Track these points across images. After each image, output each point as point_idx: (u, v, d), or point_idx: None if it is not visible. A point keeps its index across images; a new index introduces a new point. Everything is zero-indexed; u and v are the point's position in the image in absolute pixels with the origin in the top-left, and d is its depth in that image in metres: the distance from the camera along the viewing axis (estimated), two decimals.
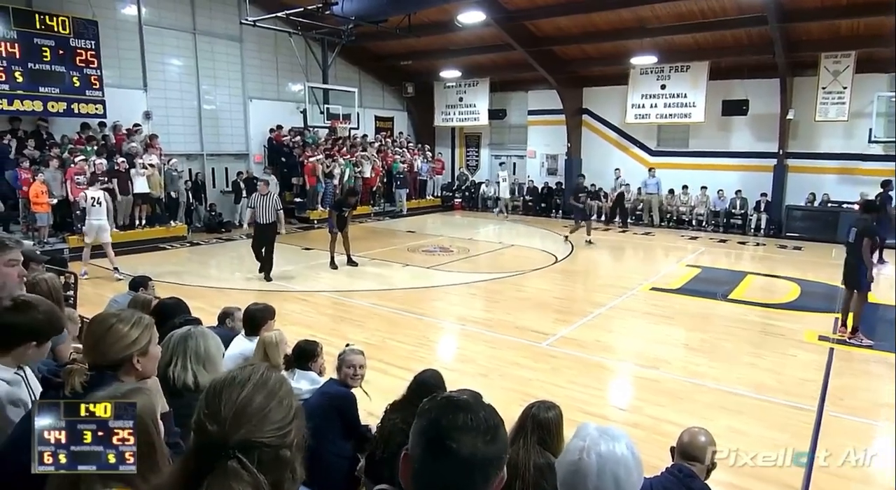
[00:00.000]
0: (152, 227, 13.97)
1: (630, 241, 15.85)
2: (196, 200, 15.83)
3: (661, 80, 17.44)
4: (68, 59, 12.87)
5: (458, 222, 19.04)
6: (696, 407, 5.47)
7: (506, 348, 7.08)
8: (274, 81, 18.33)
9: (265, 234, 10.29)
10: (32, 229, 12.05)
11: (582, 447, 1.45)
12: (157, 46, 15.39)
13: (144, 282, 5.56)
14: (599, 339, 7.52)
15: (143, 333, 2.03)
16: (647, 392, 5.88)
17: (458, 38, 17.98)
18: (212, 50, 16.60)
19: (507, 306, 9.03)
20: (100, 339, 1.99)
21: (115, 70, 14.37)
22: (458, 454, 1.15)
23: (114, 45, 14.38)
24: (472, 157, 23.33)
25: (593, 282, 10.95)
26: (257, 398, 1.17)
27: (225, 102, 17.11)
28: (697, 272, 11.53)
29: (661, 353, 6.98)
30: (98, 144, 13.60)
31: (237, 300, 6.57)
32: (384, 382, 5.17)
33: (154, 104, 15.39)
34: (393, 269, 11.72)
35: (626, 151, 19.38)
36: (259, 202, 10.24)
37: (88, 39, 13.15)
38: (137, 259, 12.14)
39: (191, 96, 16.26)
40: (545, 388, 5.74)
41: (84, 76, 13.13)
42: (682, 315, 8.61)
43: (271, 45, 17.89)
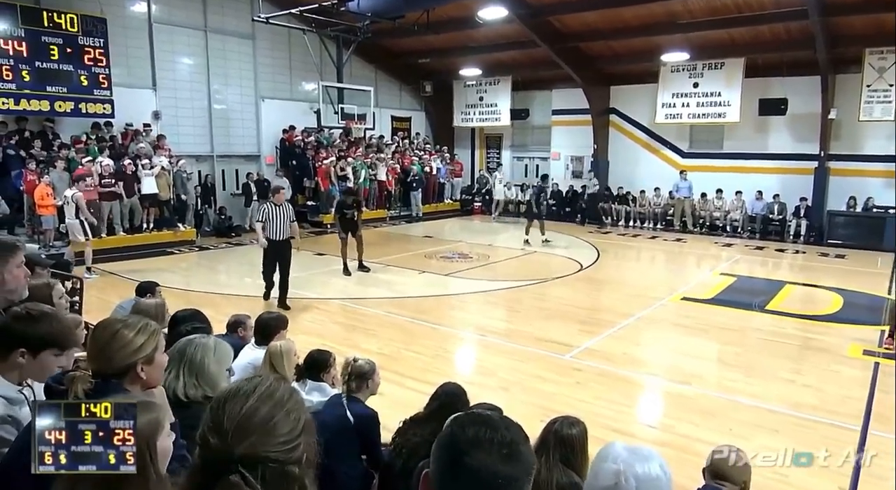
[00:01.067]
0: (160, 230, 14.15)
1: (660, 247, 15.72)
2: (205, 203, 16.02)
3: (693, 78, 17.31)
4: (76, 57, 13.12)
5: (477, 227, 19.02)
6: (730, 425, 5.39)
7: (527, 361, 7.04)
8: (287, 80, 18.52)
9: (281, 254, 8.88)
10: (38, 232, 12.24)
11: (617, 471, 1.43)
12: (166, 44, 15.64)
13: (151, 287, 5.62)
14: (627, 351, 7.45)
15: (149, 340, 2.04)
16: (678, 409, 5.81)
17: (478, 34, 18.02)
18: (223, 48, 16.82)
19: (528, 316, 8.99)
20: (104, 345, 2.01)
21: (123, 69, 14.62)
22: (478, 473, 1.14)
23: (122, 44, 14.63)
24: (493, 159, 23.32)
25: (620, 291, 10.86)
26: (262, 410, 1.17)
27: (236, 102, 17.31)
28: (732, 281, 11.39)
29: (693, 367, 6.90)
30: (105, 145, 13.82)
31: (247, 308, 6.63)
32: (399, 395, 5.17)
33: (163, 104, 15.62)
34: (408, 275, 11.72)
35: (656, 153, 19.25)
36: (273, 214, 8.79)
37: (97, 37, 13.39)
38: (144, 264, 12.30)
39: (201, 96, 16.48)
40: (569, 403, 5.69)
41: (92, 75, 13.37)
42: (715, 327, 8.50)
43: (284, 43, 18.08)
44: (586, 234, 17.21)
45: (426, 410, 3.45)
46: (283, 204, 8.93)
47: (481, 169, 23.13)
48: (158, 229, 14.15)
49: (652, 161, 19.27)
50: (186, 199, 14.91)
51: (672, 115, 17.88)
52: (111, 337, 2.00)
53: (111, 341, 2.00)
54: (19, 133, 13.09)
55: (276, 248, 8.81)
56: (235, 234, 15.85)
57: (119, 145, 14.25)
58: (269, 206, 8.84)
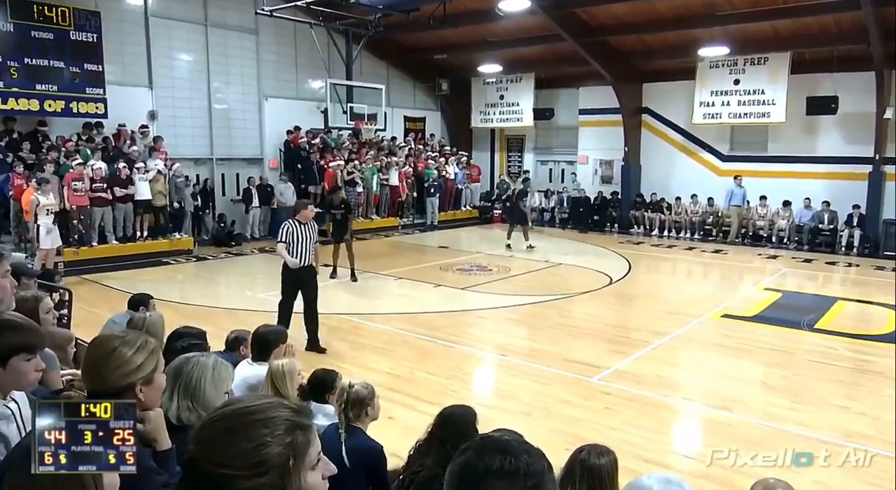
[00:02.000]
0: (155, 239, 14.30)
1: (698, 259, 15.63)
2: (204, 210, 16.16)
3: (734, 75, 17.24)
4: (68, 53, 13.35)
5: (497, 237, 18.99)
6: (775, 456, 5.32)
7: (552, 383, 7.02)
8: (292, 78, 18.70)
9: (304, 282, 7.88)
10: (25, 240, 12.38)
11: None
12: (164, 40, 15.85)
13: (145, 300, 5.67)
14: (661, 374, 7.40)
15: (149, 360, 2.04)
16: (717, 437, 5.74)
17: (499, 28, 18.07)
18: (224, 44, 17.03)
19: (553, 334, 8.96)
20: (100, 363, 2.01)
21: (118, 66, 14.83)
22: None
23: (117, 39, 14.85)
24: (515, 162, 23.33)
25: (654, 307, 10.79)
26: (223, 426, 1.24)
27: (238, 102, 17.50)
28: (777, 297, 11.30)
29: (735, 391, 6.84)
30: (97, 147, 13.98)
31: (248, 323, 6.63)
32: (411, 419, 5.15)
33: (160, 103, 15.82)
34: (423, 289, 11.74)
35: (694, 156, 19.16)
36: (297, 233, 7.76)
37: (90, 32, 13.63)
38: (138, 274, 12.44)
39: (200, 95, 16.68)
40: (597, 430, 5.67)
41: (85, 72, 13.59)
42: (759, 347, 8.42)
43: (290, 38, 18.26)
44: (616, 244, 17.14)
45: (426, 437, 3.40)
46: (309, 222, 7.92)
47: (502, 173, 23.11)
48: (153, 238, 14.30)
49: (688, 165, 19.17)
50: (183, 205, 15.06)
51: (711, 114, 17.80)
52: (108, 355, 2.01)
53: (108, 359, 2.00)
54: (7, 134, 13.30)
55: (299, 275, 7.82)
56: (235, 244, 15.97)
57: (112, 147, 14.44)
58: (292, 224, 7.81)
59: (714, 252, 16.43)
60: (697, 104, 17.91)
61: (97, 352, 2.05)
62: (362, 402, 3.61)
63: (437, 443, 3.24)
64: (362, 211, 18.40)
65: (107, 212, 13.51)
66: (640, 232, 19.06)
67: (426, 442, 3.36)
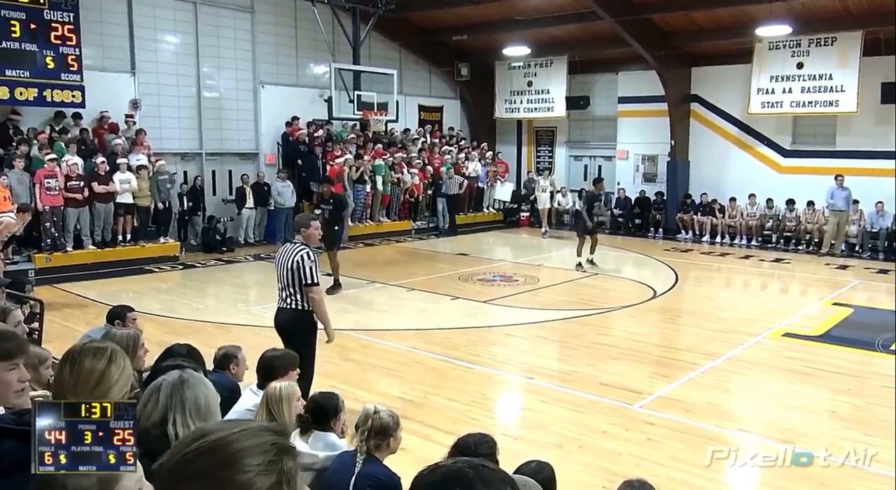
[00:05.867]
0: (137, 243, 14.44)
1: (755, 269, 15.52)
2: (192, 211, 16.27)
3: (796, 57, 17.16)
4: (41, 35, 13.50)
5: (524, 243, 18.99)
6: None
7: (587, 410, 6.98)
8: (292, 62, 18.83)
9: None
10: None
11: None
12: (148, 20, 16.03)
13: (122, 313, 5.72)
14: (713, 401, 7.34)
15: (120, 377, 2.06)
16: (778, 475, 5.69)
17: (526, 5, 18.12)
18: (216, 24, 17.19)
19: (588, 355, 8.92)
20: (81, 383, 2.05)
21: (97, 49, 15.05)
22: None
23: (96, 19, 15.05)
24: (545, 158, 23.32)
25: (704, 324, 10.72)
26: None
27: (231, 89, 17.65)
28: (848, 313, 11.19)
29: (798, 421, 6.77)
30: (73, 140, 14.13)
31: (242, 339, 6.67)
32: (425, 451, 5.14)
33: (143, 91, 15.99)
34: (439, 302, 11.75)
35: (750, 151, 19.06)
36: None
37: (66, 11, 13.78)
38: (118, 284, 12.55)
39: (189, 81, 16.84)
40: (639, 465, 5.63)
41: (60, 56, 13.74)
42: (826, 371, 8.33)
43: (290, 17, 18.42)
44: (661, 251, 17.04)
45: None
46: None
47: (530, 170, 23.08)
48: (135, 242, 14.44)
49: (745, 161, 19.09)
50: (169, 206, 15.17)
51: (770, 103, 17.74)
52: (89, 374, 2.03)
53: (88, 379, 2.02)
54: None
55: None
56: (227, 249, 16.09)
57: (91, 140, 14.59)
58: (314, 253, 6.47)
59: (774, 261, 16.30)
60: (754, 91, 17.84)
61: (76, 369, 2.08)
62: (386, 431, 3.68)
63: None
64: (369, 213, 18.45)
65: (83, 213, 13.64)
66: (688, 238, 18.98)
67: None
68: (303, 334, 6.22)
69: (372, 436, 3.63)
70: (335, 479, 3.59)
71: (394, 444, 3.73)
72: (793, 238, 17.70)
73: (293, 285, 6.19)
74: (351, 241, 16.86)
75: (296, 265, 6.12)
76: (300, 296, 6.21)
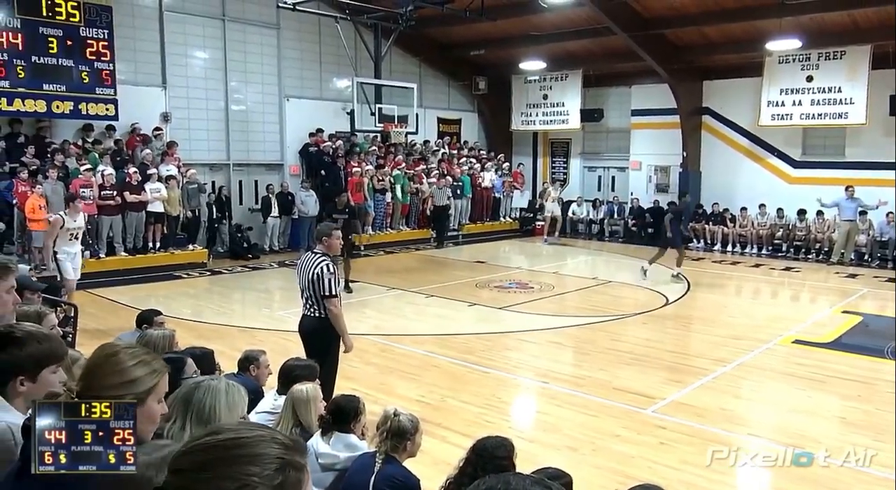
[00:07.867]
0: (166, 250, 14.58)
1: (766, 278, 15.41)
2: (219, 220, 16.39)
3: (806, 71, 17.06)
4: (77, 51, 13.69)
5: (539, 251, 18.95)
6: None
7: (600, 414, 6.96)
8: (316, 77, 18.95)
9: None
10: (28, 251, 12.67)
11: None
12: (179, 36, 16.23)
13: (150, 317, 5.77)
14: (724, 406, 7.30)
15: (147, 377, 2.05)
16: (787, 480, 5.64)
17: (542, 20, 18.13)
18: (244, 40, 17.34)
19: (601, 360, 8.89)
20: (94, 366, 2.04)
21: (130, 64, 15.22)
22: None
23: (129, 36, 15.24)
24: (559, 169, 23.29)
25: (716, 331, 10.65)
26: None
27: (257, 102, 17.79)
28: (857, 321, 11.09)
29: (808, 427, 6.71)
30: (107, 151, 14.30)
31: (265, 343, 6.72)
32: (442, 453, 5.14)
33: (174, 104, 16.17)
34: (456, 308, 11.75)
35: (761, 162, 18.96)
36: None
37: (101, 28, 13.97)
38: (149, 289, 12.66)
39: (217, 95, 17.01)
40: (652, 468, 5.62)
41: (95, 71, 13.92)
42: (835, 378, 8.25)
43: (314, 34, 18.54)
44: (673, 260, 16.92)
45: (458, 472, 3.40)
46: None
47: (545, 181, 23.08)
48: (165, 249, 14.57)
49: (755, 172, 18.97)
50: (198, 214, 15.33)
51: (780, 115, 17.65)
52: (105, 359, 2.03)
53: (103, 364, 2.02)
54: (13, 137, 13.65)
55: None
56: (253, 256, 16.19)
57: (124, 152, 14.76)
58: (327, 261, 6.21)
59: (784, 270, 16.17)
60: (765, 104, 17.75)
61: (95, 354, 2.10)
62: (403, 434, 3.69)
63: (468, 479, 3.23)
64: (389, 222, 18.51)
65: (116, 221, 13.83)
66: (700, 246, 18.87)
67: (458, 477, 3.36)
68: (324, 342, 6.20)
69: (389, 437, 3.66)
70: (356, 479, 3.61)
71: (412, 447, 3.74)
72: (802, 247, 17.59)
73: (314, 296, 6.16)
74: (371, 249, 16.95)
75: (315, 277, 6.07)
76: (320, 306, 6.18)
